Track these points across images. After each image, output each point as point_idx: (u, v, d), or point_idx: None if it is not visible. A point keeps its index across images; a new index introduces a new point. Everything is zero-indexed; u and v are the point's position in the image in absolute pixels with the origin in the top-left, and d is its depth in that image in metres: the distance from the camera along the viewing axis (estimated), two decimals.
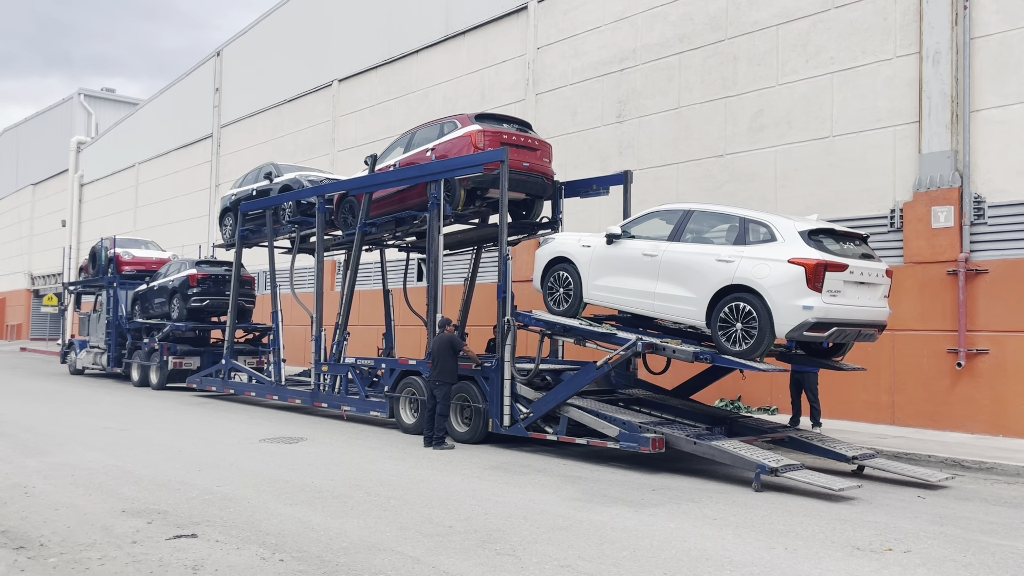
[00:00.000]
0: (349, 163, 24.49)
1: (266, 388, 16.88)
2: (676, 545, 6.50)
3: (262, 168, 18.78)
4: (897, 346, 13.03)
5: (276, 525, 6.93)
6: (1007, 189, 12.47)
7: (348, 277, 15.33)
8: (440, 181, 12.93)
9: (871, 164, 13.90)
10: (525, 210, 14.64)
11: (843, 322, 9.21)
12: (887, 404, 13.46)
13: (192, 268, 21.02)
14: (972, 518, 7.77)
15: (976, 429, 12.49)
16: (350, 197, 15.37)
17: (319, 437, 12.55)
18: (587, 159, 18.36)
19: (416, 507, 7.70)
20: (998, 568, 6.06)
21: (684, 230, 10.21)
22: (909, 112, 13.46)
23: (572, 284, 11.45)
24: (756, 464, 8.90)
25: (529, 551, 6.24)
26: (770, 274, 9.12)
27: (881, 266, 9.72)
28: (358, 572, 5.66)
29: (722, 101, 16.02)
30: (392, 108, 24.28)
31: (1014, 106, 12.39)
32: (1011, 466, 9.99)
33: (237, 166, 30.51)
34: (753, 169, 15.48)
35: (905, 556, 6.34)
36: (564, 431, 10.81)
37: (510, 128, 13.48)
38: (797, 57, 14.91)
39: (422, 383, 12.77)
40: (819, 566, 6.01)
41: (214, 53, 33.95)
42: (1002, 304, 12.34)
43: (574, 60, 18.92)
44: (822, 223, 9.64)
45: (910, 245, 13.30)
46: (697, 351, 9.74)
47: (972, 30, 12.80)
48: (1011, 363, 12.20)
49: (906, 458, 10.67)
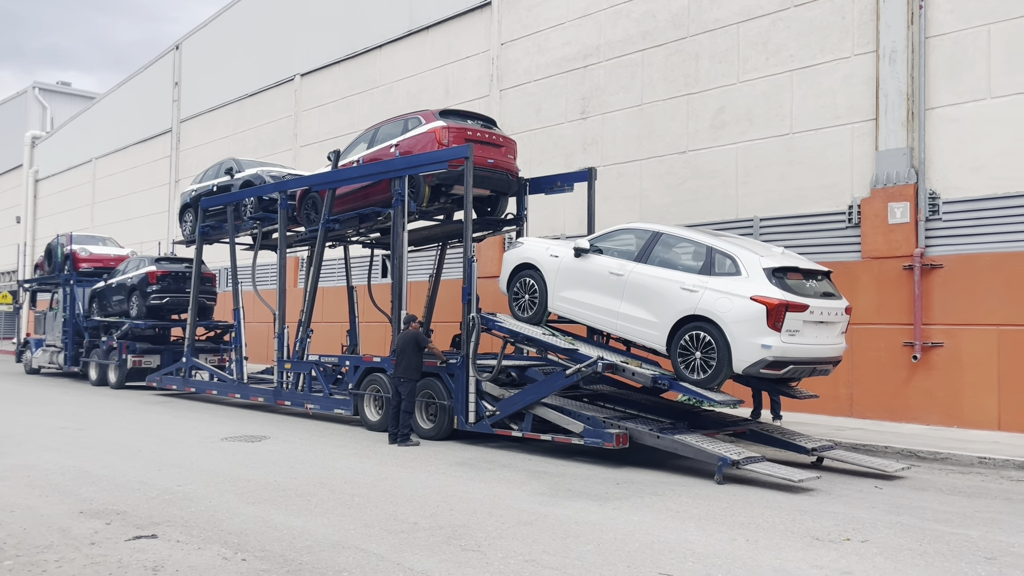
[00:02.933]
0: (312, 159, 24.28)
1: (228, 386, 16.68)
2: (640, 538, 6.56)
3: (223, 163, 18.53)
4: (855, 340, 13.27)
5: (238, 524, 6.85)
6: (960, 186, 12.76)
7: (311, 274, 15.20)
8: (404, 177, 12.87)
9: (830, 161, 14.13)
10: (490, 207, 14.64)
11: (799, 360, 9.37)
12: (845, 397, 13.71)
13: (151, 265, 20.71)
14: (927, 507, 7.95)
15: (931, 420, 12.77)
16: (313, 193, 15.24)
17: (282, 435, 12.44)
18: (552, 155, 18.41)
19: (381, 504, 7.67)
20: (952, 556, 6.21)
21: (652, 252, 10.31)
22: (866, 110, 13.71)
23: (538, 292, 11.49)
24: (718, 457, 9.02)
25: (494, 546, 6.25)
26: (732, 309, 9.25)
27: (841, 304, 9.89)
28: (322, 571, 5.63)
29: (684, 98, 16.16)
30: (355, 103, 24.10)
31: (967, 104, 12.68)
32: (965, 456, 10.24)
33: (197, 161, 30.05)
34: (715, 166, 15.65)
35: (863, 545, 6.47)
36: (529, 427, 10.85)
37: (474, 124, 13.47)
38: (758, 55, 15.09)
39: (387, 380, 12.71)
40: (779, 556, 6.11)
41: (173, 46, 33.38)
42: (956, 298, 12.63)
43: (538, 56, 18.94)
44: (787, 259, 9.77)
45: (867, 240, 13.55)
46: (656, 375, 9.87)
47: (927, 29, 13.06)
48: (965, 356, 12.50)
49: (864, 449, 10.89)
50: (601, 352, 10.68)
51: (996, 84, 12.39)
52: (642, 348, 10.86)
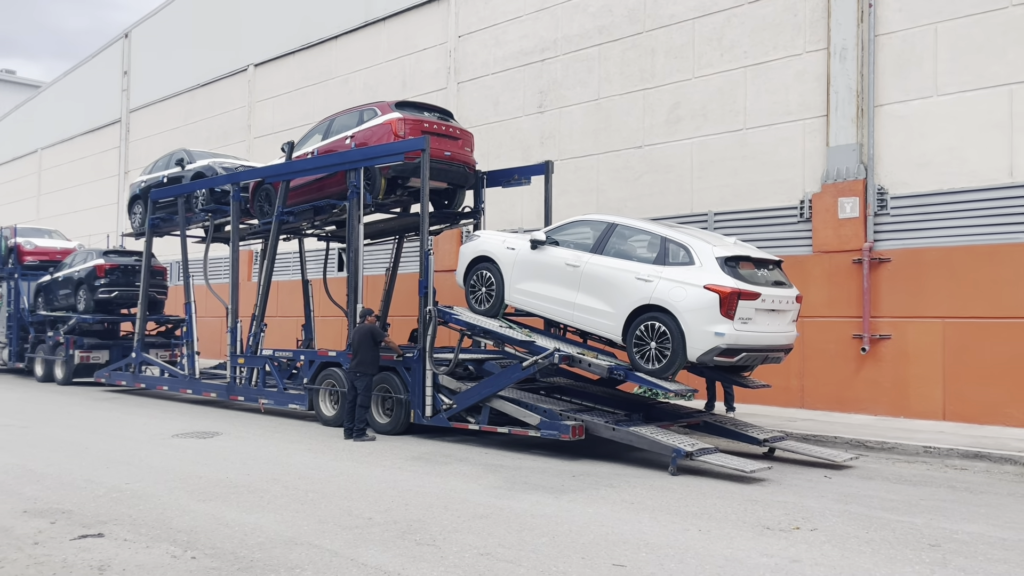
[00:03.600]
0: (266, 150, 23.92)
1: (179, 382, 16.38)
2: (594, 530, 6.60)
3: (173, 154, 18.16)
4: (806, 332, 13.51)
5: (188, 522, 6.73)
6: (908, 181, 13.05)
7: (265, 267, 14.99)
8: (360, 169, 12.75)
9: (782, 156, 14.34)
10: (447, 199, 14.58)
11: (752, 348, 9.51)
12: (797, 388, 13.96)
13: (99, 258, 20.21)
14: (874, 496, 8.13)
15: (879, 411, 13.07)
16: (266, 185, 15.02)
17: (235, 431, 12.26)
18: (509, 149, 18.39)
19: (335, 500, 7.60)
20: (898, 543, 6.36)
21: (607, 243, 10.37)
22: (818, 106, 13.94)
23: (495, 284, 11.48)
24: (672, 448, 9.12)
25: (449, 540, 6.24)
26: (686, 298, 9.35)
27: (792, 292, 10.06)
28: (274, 567, 5.56)
29: (640, 93, 16.26)
30: (311, 94, 23.79)
31: (914, 101, 12.96)
32: (911, 446, 10.50)
33: (147, 152, 29.42)
34: (671, 160, 15.78)
35: (812, 534, 6.60)
36: (486, 420, 10.84)
37: (431, 116, 13.39)
38: (712, 51, 15.25)
39: (342, 375, 12.60)
40: (731, 546, 6.20)
41: (122, 35, 32.59)
42: (903, 291, 12.93)
43: (496, 49, 18.89)
44: (739, 249, 9.91)
45: (818, 235, 13.79)
46: (612, 366, 9.95)
47: (877, 27, 13.32)
48: (911, 347, 12.81)
49: (814, 440, 11.09)
50: (558, 344, 10.71)
51: (942, 82, 12.69)
52: (599, 340, 10.92)
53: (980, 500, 8.02)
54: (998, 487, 8.71)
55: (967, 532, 6.72)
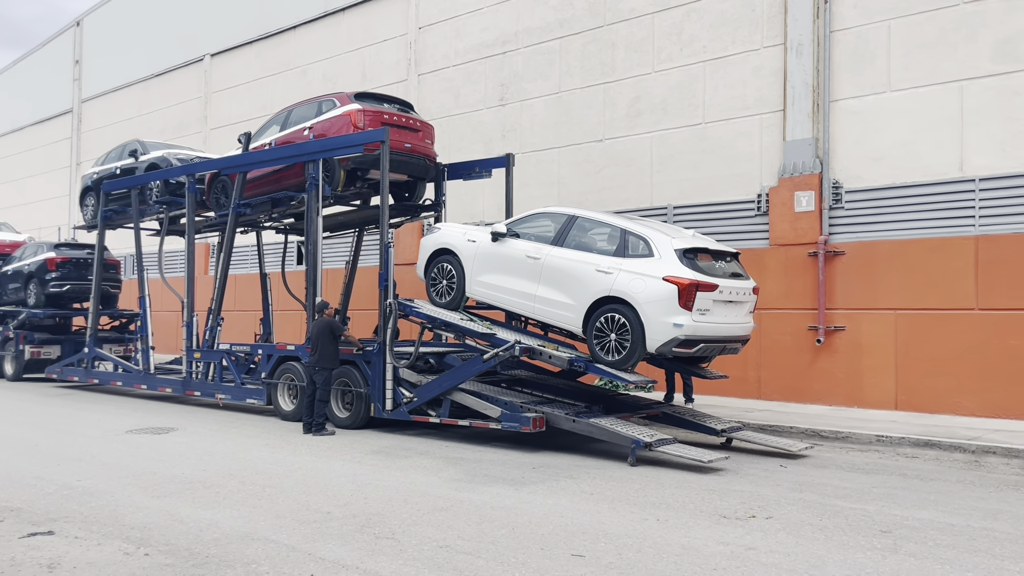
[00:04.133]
0: (223, 142, 23.52)
1: (133, 377, 16.08)
2: (554, 521, 6.62)
3: (126, 145, 17.79)
4: (763, 324, 13.70)
5: (141, 519, 6.61)
6: (861, 175, 13.28)
7: (221, 260, 14.75)
8: (319, 161, 12.61)
9: (740, 150, 14.50)
10: (408, 192, 14.48)
11: (710, 339, 9.64)
12: (754, 379, 14.16)
13: (50, 251, 19.74)
14: (828, 484, 8.28)
15: (834, 401, 13.31)
16: (223, 177, 14.78)
17: (191, 427, 12.07)
18: (470, 142, 18.33)
19: (293, 495, 7.52)
20: (850, 530, 6.48)
21: (568, 235, 10.41)
22: (775, 101, 14.11)
23: (455, 277, 11.44)
24: (631, 439, 9.19)
25: (409, 533, 6.21)
26: (645, 290, 9.43)
27: (749, 284, 10.20)
28: (230, 563, 5.48)
29: (601, 86, 16.31)
30: (269, 85, 23.46)
31: (868, 97, 13.19)
32: (864, 435, 10.71)
33: (100, 143, 28.74)
34: (631, 154, 15.86)
35: (767, 522, 6.70)
36: (447, 413, 10.81)
37: (391, 108, 13.28)
38: (672, 45, 15.34)
39: (301, 369, 12.47)
40: (688, 535, 6.26)
41: (73, 23, 31.77)
42: (856, 284, 13.17)
43: (456, 41, 18.80)
44: (697, 241, 10.02)
45: (775, 228, 13.98)
46: (572, 358, 10.00)
47: (832, 23, 13.52)
48: (864, 339, 13.06)
49: (770, 430, 11.26)
50: (519, 336, 10.72)
51: (895, 78, 12.92)
52: (560, 332, 10.96)
53: (930, 487, 8.21)
54: (947, 475, 8.92)
55: (917, 518, 6.87)
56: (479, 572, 5.32)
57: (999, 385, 11.85)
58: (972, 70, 12.24)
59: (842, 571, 5.42)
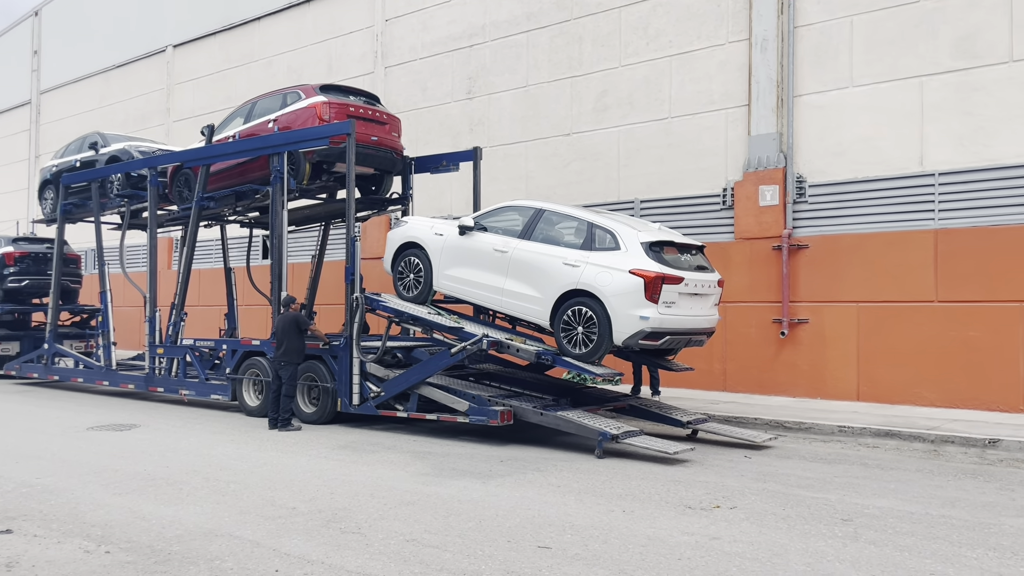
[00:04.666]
0: (186, 134, 23.17)
1: (95, 373, 15.81)
2: (521, 513, 6.64)
3: (87, 137, 17.45)
4: (728, 317, 13.84)
5: (103, 516, 6.51)
6: (824, 170, 13.45)
7: (185, 255, 14.54)
8: (283, 154, 12.47)
9: (706, 145, 14.61)
10: (374, 185, 14.41)
11: (676, 331, 9.72)
12: (719, 372, 14.30)
13: (8, 246, 19.30)
14: (791, 474, 8.39)
15: (797, 393, 13.49)
16: (186, 169, 14.56)
17: (154, 423, 11.90)
18: (438, 135, 18.25)
19: (258, 490, 7.45)
20: (812, 519, 6.58)
21: (535, 229, 10.43)
22: (740, 96, 14.23)
23: (423, 271, 11.40)
24: (598, 432, 9.24)
25: (375, 528, 6.18)
26: (612, 283, 9.48)
27: (714, 277, 10.29)
28: (193, 560, 5.41)
29: (569, 80, 16.33)
30: (233, 77, 23.14)
31: (831, 92, 13.35)
32: (827, 426, 10.87)
33: (60, 136, 28.17)
34: (598, 148, 15.91)
35: (731, 512, 6.77)
36: (415, 408, 10.78)
37: (357, 100, 13.17)
38: (639, 39, 15.40)
39: (267, 364, 12.35)
40: (653, 525, 6.31)
41: (31, 12, 31.05)
42: (819, 277, 13.35)
43: (423, 34, 18.70)
44: (663, 234, 10.09)
45: (740, 222, 14.11)
46: (540, 351, 10.03)
47: (796, 19, 13.66)
48: (828, 331, 13.25)
49: (735, 421, 11.39)
50: (487, 330, 10.71)
51: (857, 73, 13.10)
52: (527, 326, 10.97)
53: (890, 476, 8.36)
54: (907, 464, 9.10)
55: (877, 507, 6.99)
56: (445, 565, 5.31)
57: (958, 376, 12.10)
58: (932, 66, 12.45)
59: (804, 559, 5.50)
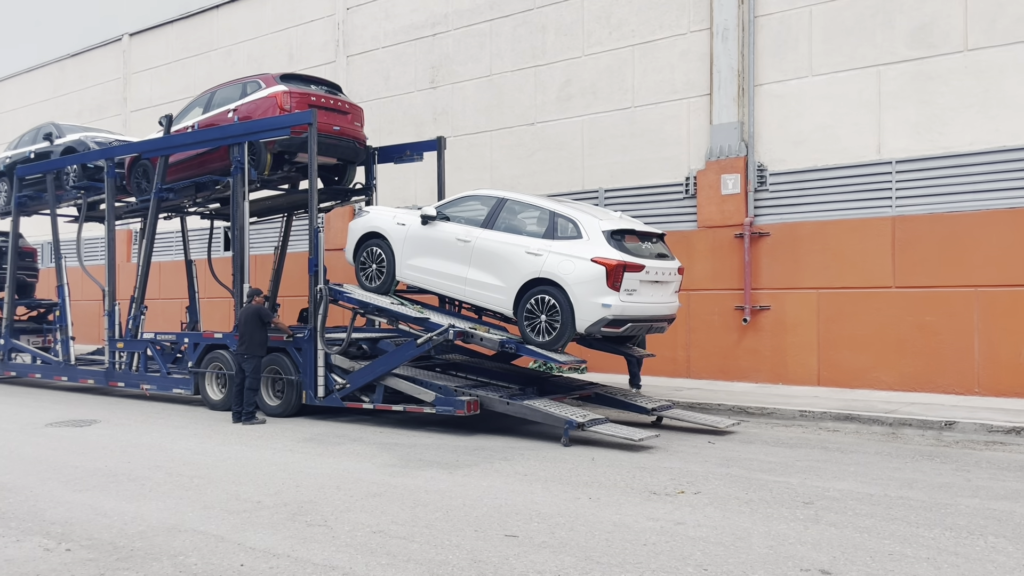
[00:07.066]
0: (144, 124, 22.73)
1: (53, 369, 15.51)
2: (488, 503, 6.66)
3: (41, 128, 17.03)
4: (691, 305, 13.98)
5: (63, 513, 6.40)
6: (785, 158, 13.63)
7: (144, 247, 14.30)
8: (244, 144, 12.31)
9: (668, 134, 14.71)
10: (337, 176, 14.28)
11: (637, 318, 9.82)
12: (683, 359, 14.45)
13: None
14: (754, 459, 8.52)
15: (760, 379, 13.69)
16: (144, 160, 14.30)
17: (114, 419, 11.71)
18: (401, 125, 18.13)
19: (222, 485, 7.38)
20: (775, 502, 6.69)
21: (498, 218, 10.45)
22: (702, 85, 14.34)
23: (385, 261, 11.35)
24: (564, 420, 9.29)
25: (341, 520, 6.16)
26: (574, 271, 9.55)
27: (674, 264, 10.40)
28: (156, 556, 5.35)
29: (532, 70, 16.31)
30: (192, 66, 22.75)
31: (791, 81, 13.51)
32: (788, 411, 11.05)
33: (13, 127, 27.47)
34: (562, 138, 15.93)
35: (695, 497, 6.86)
36: (381, 399, 10.74)
37: (318, 90, 13.03)
38: (601, 29, 15.43)
39: (230, 357, 12.21)
40: (619, 512, 6.37)
41: None
42: (780, 264, 13.54)
43: (386, 23, 18.54)
44: (624, 223, 10.16)
45: (703, 210, 14.24)
46: (503, 339, 10.08)
47: (756, 8, 13.78)
48: (788, 318, 13.45)
49: (699, 408, 11.53)
50: (452, 320, 10.71)
51: (816, 63, 13.27)
52: (492, 315, 10.98)
53: (850, 459, 8.53)
54: (867, 447, 9.28)
55: (838, 489, 7.14)
56: (413, 556, 5.32)
57: (915, 360, 12.36)
58: (889, 55, 12.65)
59: (766, 542, 5.60)
